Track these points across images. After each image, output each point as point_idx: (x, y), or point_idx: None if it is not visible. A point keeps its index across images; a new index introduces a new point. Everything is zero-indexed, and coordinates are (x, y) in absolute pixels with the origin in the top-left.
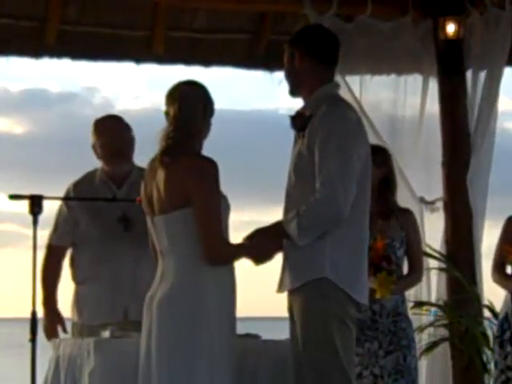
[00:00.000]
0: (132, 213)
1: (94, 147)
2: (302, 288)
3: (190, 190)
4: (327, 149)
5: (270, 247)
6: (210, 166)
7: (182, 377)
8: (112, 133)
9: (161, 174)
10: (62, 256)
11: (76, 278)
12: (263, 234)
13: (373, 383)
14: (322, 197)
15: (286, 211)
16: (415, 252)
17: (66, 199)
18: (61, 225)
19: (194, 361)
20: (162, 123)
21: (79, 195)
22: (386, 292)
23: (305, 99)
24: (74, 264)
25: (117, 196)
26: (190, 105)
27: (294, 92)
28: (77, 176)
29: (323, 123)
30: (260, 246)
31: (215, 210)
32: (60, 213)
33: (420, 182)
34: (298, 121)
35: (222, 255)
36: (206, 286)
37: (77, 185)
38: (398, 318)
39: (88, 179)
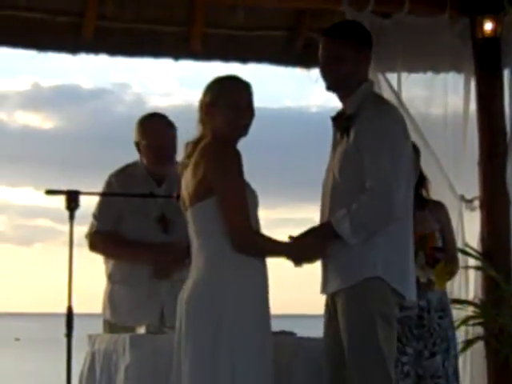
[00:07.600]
0: (171, 213)
1: (137, 144)
2: (351, 287)
3: (212, 178)
4: (379, 148)
5: (313, 248)
6: (231, 154)
7: (205, 375)
8: (156, 133)
9: (189, 168)
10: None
11: (111, 276)
12: (310, 235)
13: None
14: (376, 194)
15: (332, 211)
16: (451, 245)
17: (102, 194)
18: (104, 212)
19: (217, 359)
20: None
21: (122, 186)
22: (443, 283)
23: (343, 98)
24: (110, 261)
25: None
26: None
27: (333, 88)
28: (107, 172)
29: (373, 123)
30: (303, 246)
31: (238, 196)
32: (103, 202)
33: (463, 180)
34: (341, 121)
35: (249, 240)
36: (229, 284)
37: (118, 176)
38: (442, 313)
39: (129, 172)
